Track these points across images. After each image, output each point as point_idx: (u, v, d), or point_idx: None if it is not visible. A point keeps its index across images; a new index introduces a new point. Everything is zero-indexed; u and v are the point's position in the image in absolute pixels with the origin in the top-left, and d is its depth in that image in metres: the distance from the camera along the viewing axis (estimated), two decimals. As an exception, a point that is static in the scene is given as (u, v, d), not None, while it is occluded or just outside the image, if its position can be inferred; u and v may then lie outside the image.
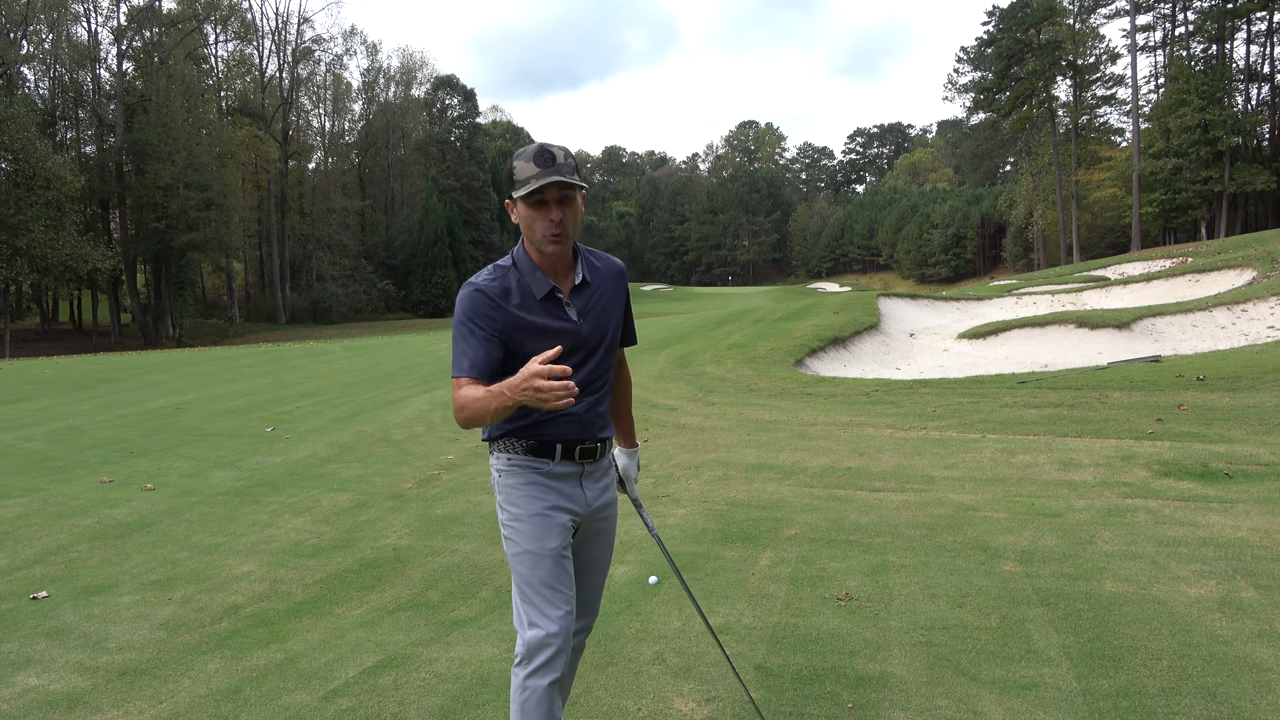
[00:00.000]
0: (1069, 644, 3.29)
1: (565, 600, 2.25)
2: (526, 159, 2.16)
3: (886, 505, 5.45)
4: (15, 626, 4.00)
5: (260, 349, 29.29)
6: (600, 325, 2.34)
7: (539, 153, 2.15)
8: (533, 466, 2.30)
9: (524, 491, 2.29)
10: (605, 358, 2.36)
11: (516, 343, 2.21)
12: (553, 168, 2.14)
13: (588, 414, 2.32)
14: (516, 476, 2.30)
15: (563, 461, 2.30)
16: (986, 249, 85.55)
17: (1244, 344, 14.79)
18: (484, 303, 2.21)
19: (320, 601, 4.20)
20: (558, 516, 2.29)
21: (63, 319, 61.52)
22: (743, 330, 18.51)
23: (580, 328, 2.28)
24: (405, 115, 79.66)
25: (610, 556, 2.53)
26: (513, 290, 2.24)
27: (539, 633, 2.21)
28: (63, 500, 6.70)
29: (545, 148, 2.16)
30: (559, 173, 2.14)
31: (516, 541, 2.27)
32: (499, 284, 2.24)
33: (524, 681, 2.20)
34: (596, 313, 2.33)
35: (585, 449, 2.32)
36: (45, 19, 52.85)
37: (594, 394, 2.34)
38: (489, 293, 2.22)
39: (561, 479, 2.31)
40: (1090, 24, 57.82)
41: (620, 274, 2.44)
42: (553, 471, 2.30)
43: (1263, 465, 5.84)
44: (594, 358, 2.32)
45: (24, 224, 42.92)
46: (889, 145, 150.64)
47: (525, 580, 2.25)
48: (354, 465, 7.75)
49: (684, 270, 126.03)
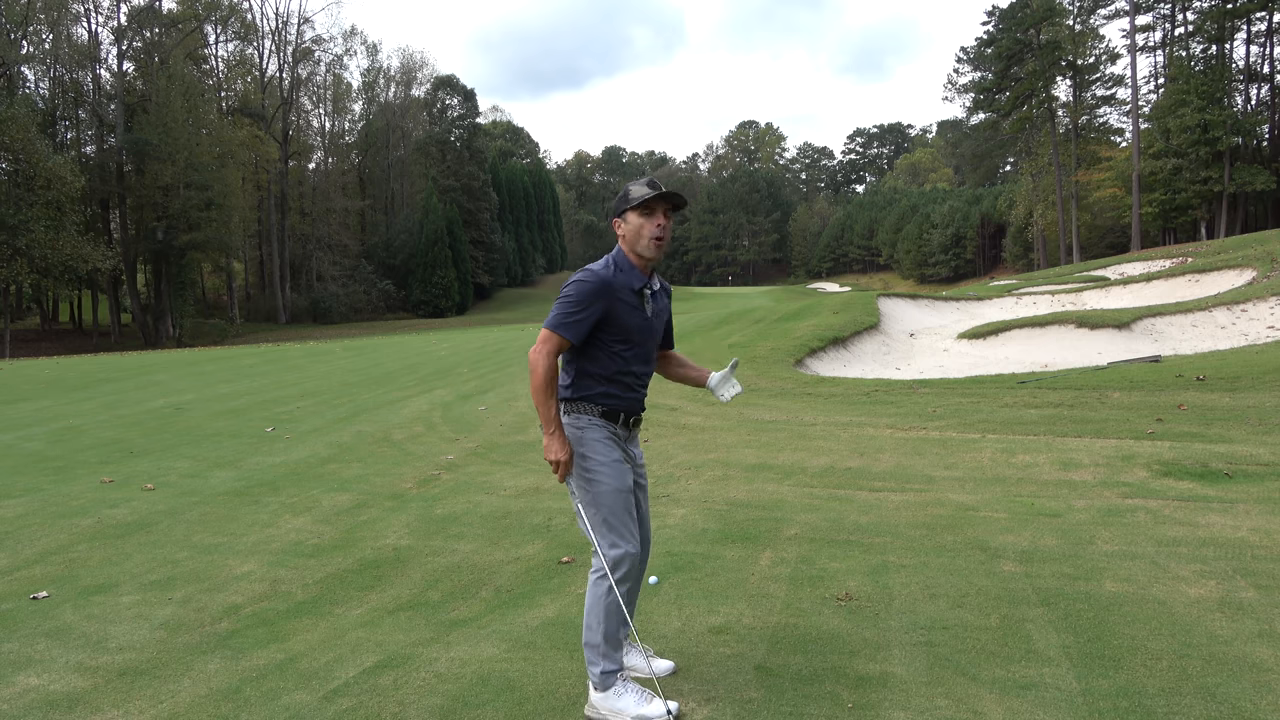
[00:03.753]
0: (1069, 644, 3.29)
1: (638, 524, 3.01)
2: (640, 184, 2.96)
3: (886, 505, 5.45)
4: (15, 626, 4.00)
5: (260, 349, 29.30)
6: (659, 324, 3.09)
7: (651, 181, 2.96)
8: (606, 427, 2.98)
9: (606, 444, 2.96)
10: (658, 348, 3.16)
11: (615, 316, 2.91)
12: (662, 190, 2.93)
13: (643, 391, 3.07)
14: (598, 431, 2.96)
15: (622, 427, 3.02)
16: (986, 249, 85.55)
17: (1244, 344, 14.79)
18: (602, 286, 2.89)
19: (320, 601, 4.20)
20: (627, 465, 3.01)
21: (63, 319, 61.50)
22: (743, 330, 18.51)
23: (651, 321, 3.02)
24: (405, 115, 79.70)
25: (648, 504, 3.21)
26: (622, 280, 2.94)
27: (620, 550, 2.90)
28: (63, 500, 6.70)
29: (654, 179, 2.97)
30: (670, 194, 2.93)
31: (602, 481, 2.92)
32: (614, 273, 2.94)
33: (613, 587, 2.88)
34: (658, 314, 3.09)
35: (636, 419, 3.08)
36: (45, 19, 52.85)
37: (648, 376, 3.08)
38: (606, 279, 2.90)
39: (623, 440, 3.04)
40: (1090, 24, 57.81)
41: (669, 291, 3.23)
42: (616, 433, 3.00)
43: (1263, 465, 5.84)
44: (653, 346, 3.08)
45: (24, 224, 42.91)
46: (889, 145, 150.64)
47: (610, 510, 2.91)
48: (354, 465, 7.75)
49: (684, 270, 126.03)
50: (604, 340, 2.92)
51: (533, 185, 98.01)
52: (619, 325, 2.90)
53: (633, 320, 2.92)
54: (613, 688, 2.89)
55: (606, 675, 2.90)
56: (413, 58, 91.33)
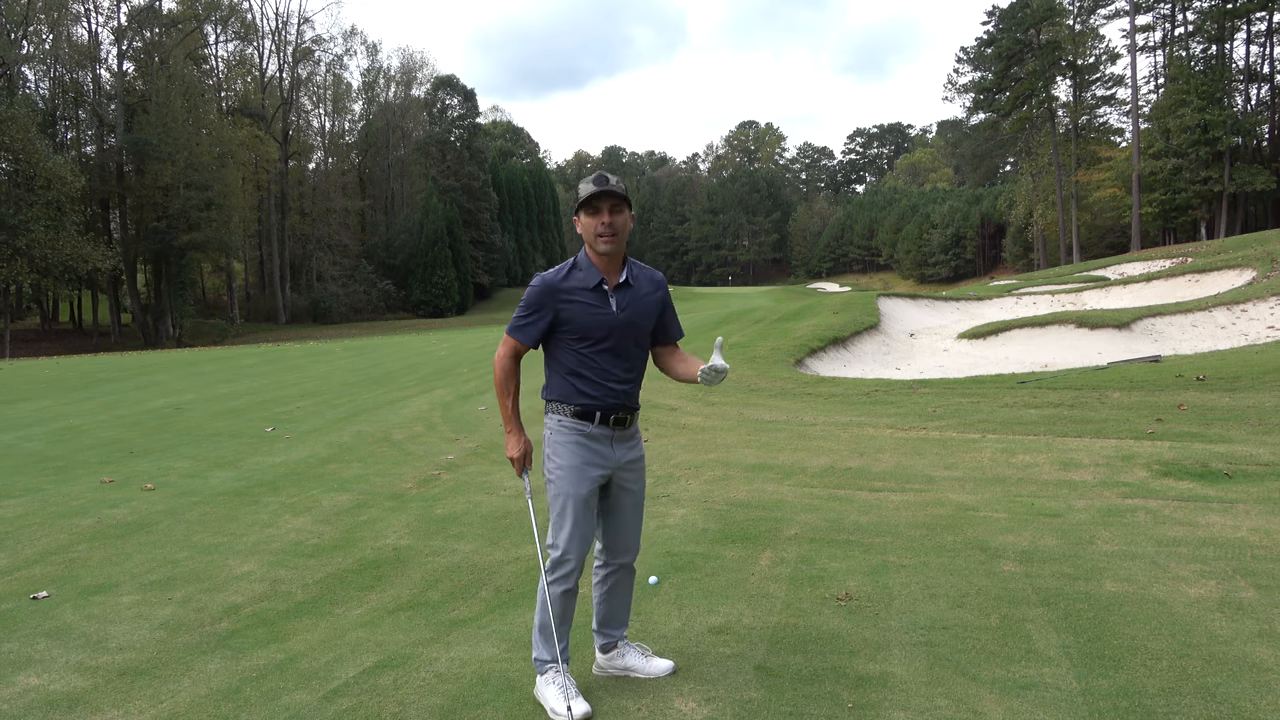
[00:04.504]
0: (1069, 644, 3.29)
1: (581, 536, 2.96)
2: (588, 182, 2.90)
3: (886, 505, 5.45)
4: (15, 626, 4.00)
5: (260, 349, 29.30)
6: (636, 318, 2.99)
7: (597, 177, 2.89)
8: (577, 429, 2.97)
9: (568, 448, 2.97)
10: (640, 344, 3.04)
11: (567, 317, 2.92)
12: (606, 186, 2.87)
13: (620, 388, 2.97)
14: (564, 435, 2.97)
15: (600, 426, 2.97)
16: (986, 249, 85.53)
17: (1244, 344, 14.80)
18: (545, 290, 2.93)
19: (320, 601, 4.20)
20: (589, 471, 2.96)
21: (63, 319, 61.49)
22: (743, 330, 18.51)
23: (618, 316, 2.95)
24: (405, 115, 79.66)
25: (639, 506, 3.15)
26: (574, 280, 2.95)
27: (557, 553, 2.97)
28: (63, 500, 6.70)
29: (602, 174, 2.91)
30: (610, 189, 2.87)
31: (555, 483, 2.97)
32: (564, 275, 2.95)
33: (547, 584, 2.98)
34: (634, 308, 2.99)
35: (617, 418, 3.00)
36: (45, 19, 52.82)
37: (627, 373, 2.99)
38: (550, 282, 2.93)
39: (597, 440, 2.98)
40: (1090, 24, 57.82)
41: (661, 284, 3.13)
42: (591, 433, 2.97)
43: (1263, 465, 5.84)
44: (629, 342, 2.98)
45: (24, 224, 42.88)
46: (889, 145, 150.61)
47: (558, 513, 2.96)
48: (354, 465, 7.75)
49: (684, 270, 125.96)
50: (565, 340, 2.96)
51: (533, 185, 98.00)
52: (574, 324, 2.92)
53: (591, 319, 2.91)
54: (543, 676, 3.02)
55: (539, 663, 3.04)
56: (413, 58, 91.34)
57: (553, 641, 3.00)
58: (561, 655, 3.02)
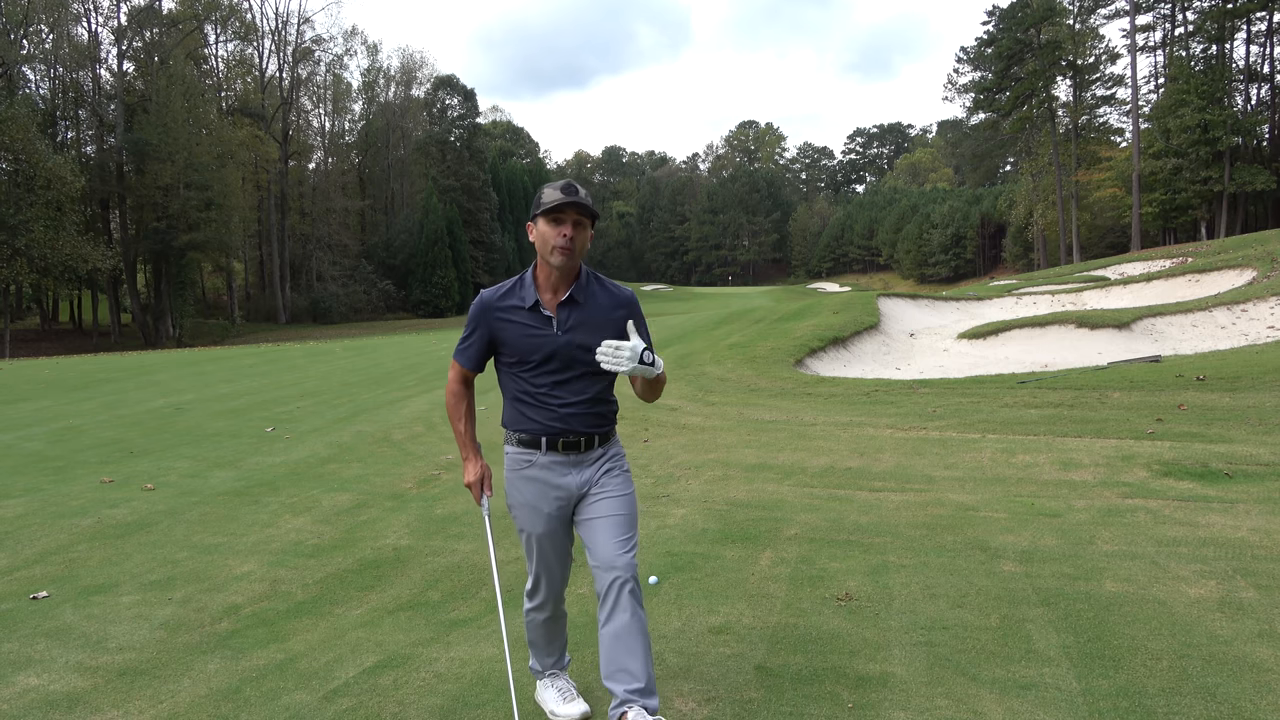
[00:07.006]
0: (1069, 644, 3.29)
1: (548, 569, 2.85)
2: (554, 188, 2.62)
3: (886, 505, 5.45)
4: (15, 626, 4.00)
5: (260, 349, 29.30)
6: (585, 339, 2.67)
7: (566, 185, 2.61)
8: (525, 458, 2.76)
9: (516, 485, 2.79)
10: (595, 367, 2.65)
11: (503, 339, 2.72)
12: (575, 196, 2.59)
13: (566, 411, 2.70)
14: (513, 471, 2.80)
15: (549, 452, 2.73)
16: (986, 249, 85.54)
17: (1244, 344, 14.79)
18: (480, 309, 2.75)
19: (320, 601, 4.20)
20: (543, 507, 2.77)
21: (63, 319, 61.47)
22: (743, 330, 18.50)
23: (558, 338, 2.67)
24: (405, 115, 79.65)
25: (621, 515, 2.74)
26: (512, 299, 2.72)
27: (529, 584, 2.91)
28: (63, 500, 6.70)
29: (571, 182, 2.64)
30: (578, 200, 2.59)
31: (516, 520, 2.85)
32: (502, 293, 2.75)
33: (526, 612, 2.96)
34: (583, 329, 2.68)
35: (568, 442, 2.72)
36: (45, 19, 52.76)
37: (578, 395, 2.71)
38: (486, 301, 2.75)
39: (549, 469, 2.75)
40: (1090, 24, 57.80)
41: (625, 302, 2.77)
42: (541, 463, 2.74)
43: (1263, 465, 5.84)
44: (576, 365, 2.68)
45: (24, 224, 42.87)
46: (889, 145, 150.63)
47: (524, 547, 2.87)
48: (354, 465, 7.75)
49: (684, 270, 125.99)
50: (504, 362, 2.76)
51: (533, 185, 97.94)
52: (510, 346, 2.70)
53: (526, 340, 2.67)
54: (541, 680, 3.08)
55: (534, 671, 3.09)
56: (413, 57, 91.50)
57: (544, 654, 3.04)
58: (557, 663, 3.05)
